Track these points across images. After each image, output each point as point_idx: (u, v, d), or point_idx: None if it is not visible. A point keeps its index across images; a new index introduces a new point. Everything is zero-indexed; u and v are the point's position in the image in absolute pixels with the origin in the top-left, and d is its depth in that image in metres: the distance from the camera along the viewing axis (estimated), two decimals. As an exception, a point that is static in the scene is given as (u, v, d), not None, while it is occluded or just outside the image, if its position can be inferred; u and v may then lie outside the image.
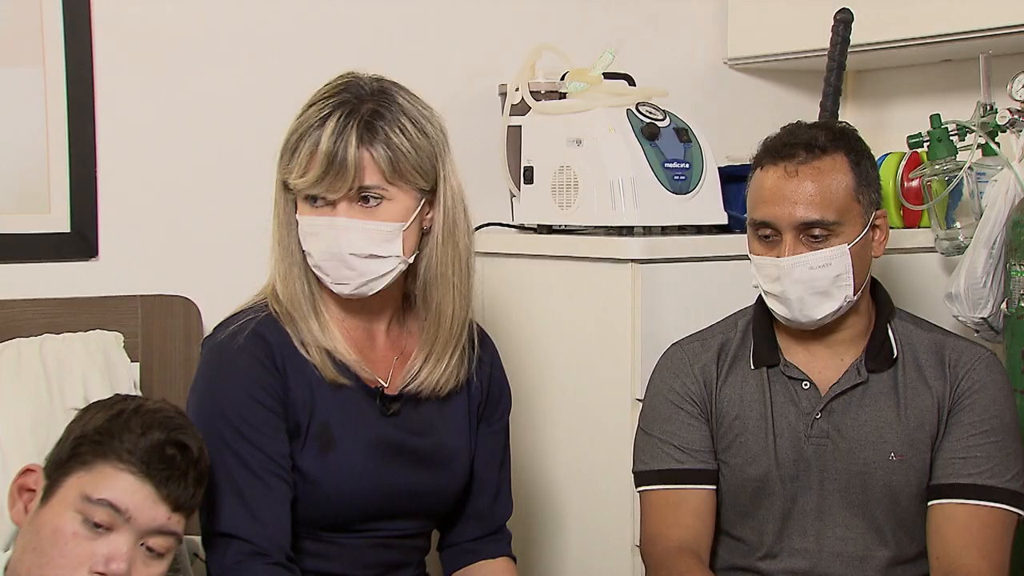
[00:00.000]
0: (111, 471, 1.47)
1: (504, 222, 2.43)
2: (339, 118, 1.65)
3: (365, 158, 1.65)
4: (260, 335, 1.71)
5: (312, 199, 1.68)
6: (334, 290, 1.72)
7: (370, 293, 1.72)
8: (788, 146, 1.83)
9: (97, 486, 1.46)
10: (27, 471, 1.54)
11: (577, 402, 2.25)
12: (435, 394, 1.80)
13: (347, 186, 1.65)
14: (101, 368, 1.97)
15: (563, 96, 2.32)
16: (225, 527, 1.64)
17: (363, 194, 1.67)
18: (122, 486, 1.47)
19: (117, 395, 1.63)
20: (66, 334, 2.01)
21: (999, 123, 2.25)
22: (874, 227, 1.87)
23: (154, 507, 1.49)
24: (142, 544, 1.49)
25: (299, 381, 1.71)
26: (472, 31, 2.53)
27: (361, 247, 1.67)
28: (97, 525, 1.46)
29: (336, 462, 1.71)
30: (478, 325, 1.86)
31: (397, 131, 1.67)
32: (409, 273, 1.77)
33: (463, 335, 1.81)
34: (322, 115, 1.66)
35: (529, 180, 2.31)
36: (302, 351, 1.72)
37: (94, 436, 1.50)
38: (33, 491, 1.52)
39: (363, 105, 1.68)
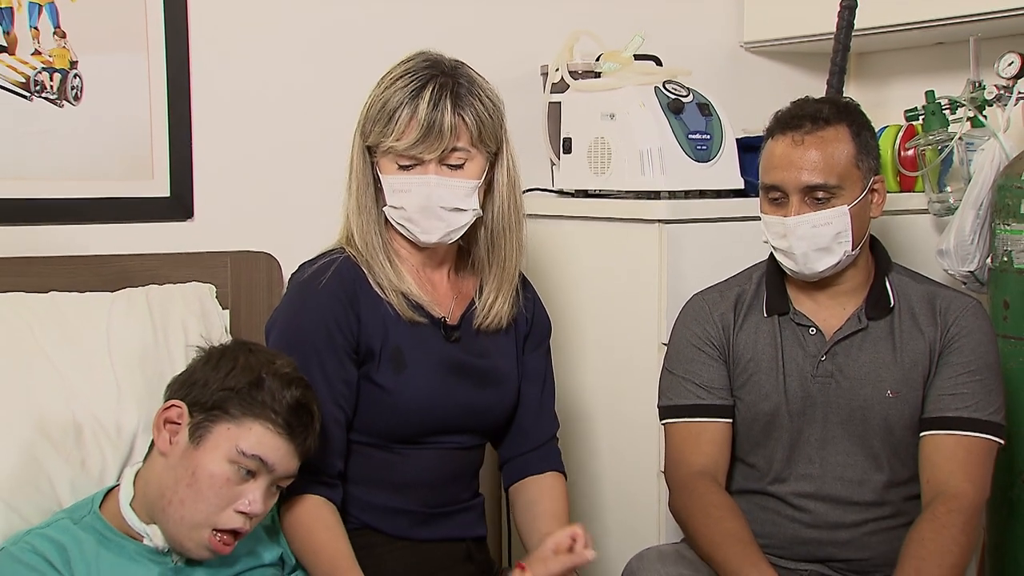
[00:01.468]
0: (260, 429, 1.63)
1: (546, 187, 2.53)
2: (433, 89, 1.76)
3: (459, 123, 1.77)
4: (341, 275, 1.82)
5: (403, 158, 1.79)
6: (420, 239, 1.83)
7: (449, 241, 1.85)
8: (796, 118, 1.90)
9: (249, 442, 1.62)
10: (171, 406, 1.66)
11: (610, 346, 2.34)
12: (495, 326, 1.92)
13: (442, 147, 1.77)
14: (197, 314, 2.08)
15: (598, 75, 2.40)
16: None
17: (454, 155, 1.78)
18: (270, 443, 1.64)
19: (238, 347, 1.73)
20: (167, 285, 2.13)
21: (987, 98, 2.35)
22: (872, 191, 1.92)
23: (291, 459, 1.67)
24: (272, 484, 1.67)
25: (373, 314, 1.83)
26: (516, 18, 2.63)
27: (449, 201, 1.80)
28: (246, 473, 1.63)
29: (408, 379, 1.83)
30: (520, 271, 1.96)
31: (477, 100, 1.79)
32: (471, 226, 1.86)
33: (516, 278, 1.94)
34: (415, 87, 1.77)
35: (568, 150, 2.41)
36: (378, 291, 1.83)
37: (241, 394, 1.64)
38: (177, 424, 1.65)
39: (447, 77, 1.79)
